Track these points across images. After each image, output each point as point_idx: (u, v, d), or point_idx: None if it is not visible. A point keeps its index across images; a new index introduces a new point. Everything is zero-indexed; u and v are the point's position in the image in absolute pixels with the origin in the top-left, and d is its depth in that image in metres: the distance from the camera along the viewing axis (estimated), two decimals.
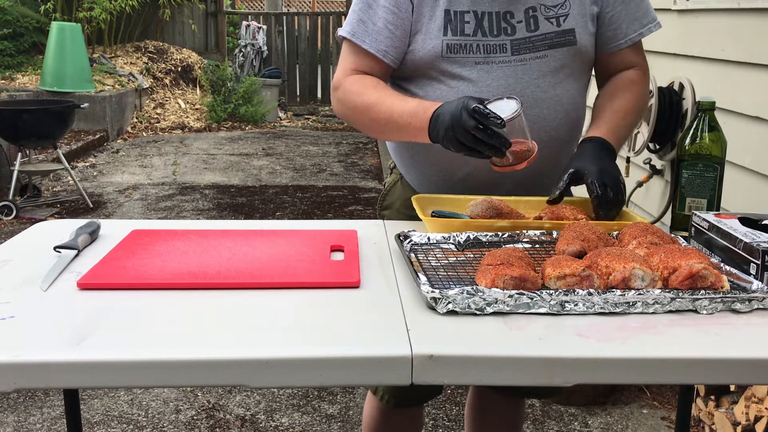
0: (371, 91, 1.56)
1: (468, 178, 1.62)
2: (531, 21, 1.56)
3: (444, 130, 1.39)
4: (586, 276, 1.13)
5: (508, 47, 1.55)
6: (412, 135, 1.50)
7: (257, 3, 15.91)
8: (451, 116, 1.37)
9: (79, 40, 7.74)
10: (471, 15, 1.54)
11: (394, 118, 1.51)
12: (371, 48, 1.56)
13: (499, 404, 1.94)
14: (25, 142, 5.16)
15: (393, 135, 1.61)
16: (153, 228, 1.49)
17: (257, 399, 2.88)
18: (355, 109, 1.59)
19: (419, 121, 1.46)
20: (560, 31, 1.57)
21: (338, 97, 1.62)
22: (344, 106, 1.62)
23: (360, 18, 1.58)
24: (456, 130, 1.36)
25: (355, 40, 1.58)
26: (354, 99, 1.58)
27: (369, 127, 1.62)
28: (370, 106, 1.55)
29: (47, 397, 2.85)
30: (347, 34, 1.59)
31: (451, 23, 1.54)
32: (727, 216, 1.36)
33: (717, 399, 2.48)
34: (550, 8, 1.57)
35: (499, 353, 0.98)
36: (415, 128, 1.47)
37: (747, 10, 2.70)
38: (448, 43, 1.54)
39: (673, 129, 3.15)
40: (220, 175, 6.67)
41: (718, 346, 1.00)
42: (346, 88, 1.59)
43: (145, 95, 9.18)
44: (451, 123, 1.37)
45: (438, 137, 1.42)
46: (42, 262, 1.28)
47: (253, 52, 10.49)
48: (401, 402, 1.75)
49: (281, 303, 1.13)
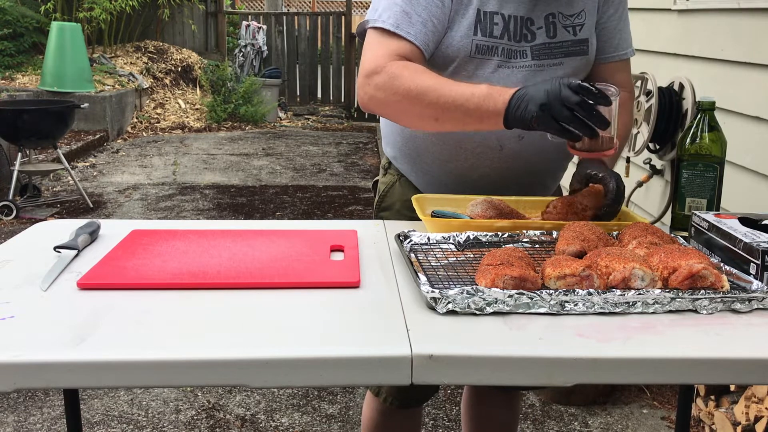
0: (426, 76, 1.46)
1: (480, 179, 1.62)
2: (551, 27, 1.56)
3: (538, 106, 1.33)
4: (586, 276, 1.13)
5: (528, 53, 1.55)
6: (479, 120, 1.43)
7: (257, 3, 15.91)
8: (547, 93, 1.33)
9: (79, 40, 7.74)
10: (499, 17, 1.53)
11: (461, 102, 1.42)
12: (416, 40, 1.49)
13: (495, 398, 1.94)
14: (25, 142, 5.16)
15: (451, 122, 1.48)
16: (153, 228, 1.49)
17: (257, 399, 2.88)
18: (407, 93, 1.45)
19: (494, 103, 1.39)
20: (576, 41, 1.58)
21: (379, 82, 1.48)
22: (389, 91, 1.47)
23: (403, 9, 1.50)
24: (554, 105, 1.32)
25: (400, 32, 1.49)
26: (405, 83, 1.45)
27: (420, 115, 1.49)
28: (428, 90, 1.44)
29: (47, 397, 2.85)
30: (392, 26, 1.49)
31: (481, 23, 1.52)
32: (727, 216, 1.36)
33: (717, 399, 2.48)
34: (568, 17, 1.58)
35: (499, 353, 0.98)
36: (488, 111, 1.40)
37: (747, 10, 2.70)
38: (478, 44, 1.52)
39: (673, 129, 3.15)
40: (220, 175, 6.67)
41: (718, 346, 1.00)
42: (394, 72, 1.46)
43: (145, 95, 9.18)
44: (548, 98, 1.32)
45: (525, 116, 1.36)
46: (42, 262, 1.28)
47: (253, 52, 10.49)
48: (404, 403, 1.75)
49: (281, 303, 1.13)
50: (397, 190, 1.74)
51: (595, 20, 1.62)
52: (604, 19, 1.63)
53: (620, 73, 1.69)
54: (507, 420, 1.97)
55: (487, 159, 1.59)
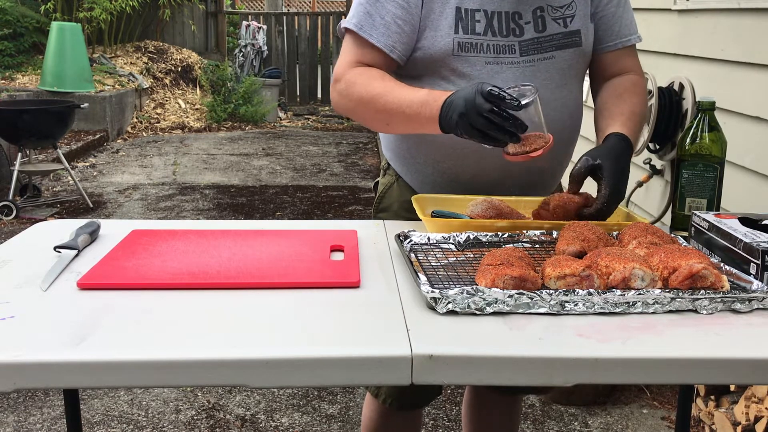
0: (377, 82, 1.50)
1: (473, 180, 1.60)
2: (539, 21, 1.55)
3: (458, 115, 1.34)
4: (586, 276, 1.13)
5: (516, 48, 1.53)
6: (420, 125, 1.46)
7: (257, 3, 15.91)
8: (465, 101, 1.34)
9: (79, 40, 7.74)
10: (481, 14, 1.52)
11: (402, 108, 1.46)
12: (378, 42, 1.52)
13: (496, 402, 1.93)
14: (25, 142, 5.16)
15: (399, 127, 1.54)
16: (153, 228, 1.49)
17: (257, 399, 2.88)
18: (360, 100, 1.52)
19: (430, 110, 1.41)
20: (567, 33, 1.56)
21: (340, 89, 1.55)
22: (347, 98, 1.55)
23: (367, 10, 1.53)
24: (470, 114, 1.32)
25: (362, 34, 1.52)
26: (358, 90, 1.52)
27: (373, 120, 1.56)
28: (376, 97, 1.49)
29: (47, 397, 2.85)
30: (354, 26, 1.54)
31: (462, 21, 1.52)
32: (727, 216, 1.36)
33: (717, 399, 2.48)
34: (557, 9, 1.56)
35: (499, 353, 0.98)
36: (425, 118, 1.43)
37: (747, 10, 2.70)
38: (459, 42, 1.52)
39: (673, 129, 3.15)
40: (220, 175, 6.67)
41: (718, 346, 1.00)
42: (350, 79, 1.53)
43: (145, 95, 9.18)
44: (465, 107, 1.33)
45: (451, 124, 1.38)
46: (42, 262, 1.28)
47: (253, 52, 10.49)
48: (404, 404, 1.74)
49: (281, 303, 1.12)
50: (395, 191, 1.73)
51: (588, 10, 1.59)
52: (601, 7, 1.61)
53: (626, 59, 1.66)
54: (507, 424, 1.96)
55: (479, 159, 1.57)
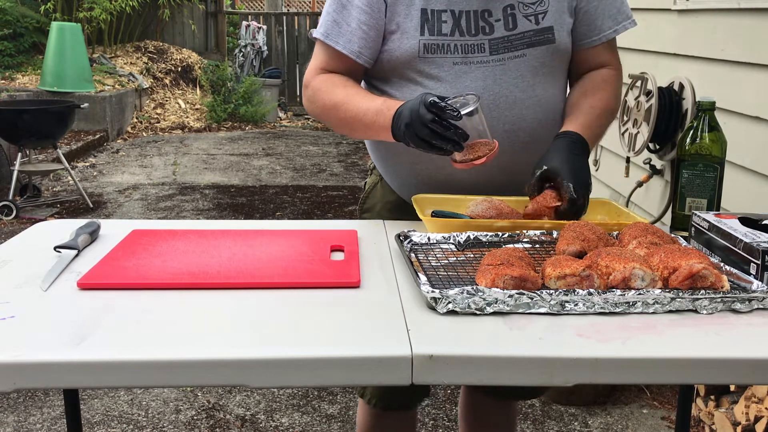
0: (339, 90, 1.55)
1: (448, 181, 1.59)
2: (509, 19, 1.53)
3: (405, 125, 1.39)
4: (586, 276, 1.13)
5: (486, 47, 1.53)
6: (377, 134, 1.50)
7: (257, 3, 15.90)
8: (410, 111, 1.37)
9: (79, 40, 7.74)
10: (448, 14, 1.52)
11: (360, 117, 1.50)
12: (344, 49, 1.55)
13: (490, 407, 1.91)
14: (25, 142, 5.16)
15: (361, 134, 1.58)
16: (153, 228, 1.49)
17: (257, 399, 2.88)
18: (324, 107, 1.57)
19: (384, 119, 1.45)
20: (539, 30, 1.54)
21: (308, 95, 1.61)
22: (313, 104, 1.60)
23: (334, 19, 1.56)
24: (414, 124, 1.36)
25: (329, 42, 1.56)
26: (322, 97, 1.57)
27: (338, 127, 1.61)
28: (338, 105, 1.54)
29: (47, 397, 2.85)
30: (321, 35, 1.58)
31: (428, 22, 1.52)
32: (727, 216, 1.36)
33: (717, 399, 2.48)
34: (529, 5, 1.54)
35: (499, 353, 0.98)
36: (380, 126, 1.47)
37: (747, 10, 2.70)
38: (425, 43, 1.52)
39: (673, 129, 3.15)
40: (220, 175, 6.67)
41: (718, 346, 1.00)
42: (315, 86, 1.59)
43: (145, 95, 9.18)
44: (411, 117, 1.37)
45: (399, 134, 1.42)
46: (42, 262, 1.28)
47: (253, 52, 10.49)
48: (388, 405, 1.73)
49: (281, 303, 1.12)
50: (379, 192, 1.75)
51: (564, 6, 1.57)
52: (583, 3, 1.59)
53: (603, 54, 1.64)
54: (503, 428, 1.95)
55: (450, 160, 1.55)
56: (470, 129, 1.39)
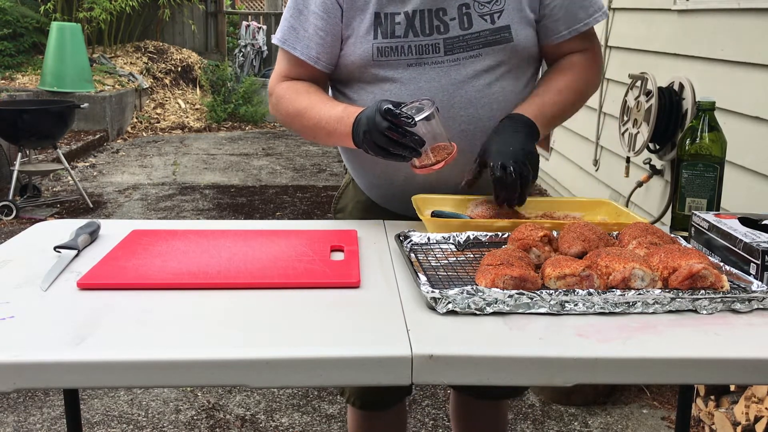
0: (302, 97, 1.56)
1: (407, 182, 1.58)
2: (464, 18, 1.51)
3: (363, 134, 1.40)
4: (586, 276, 1.13)
5: (441, 47, 1.51)
6: (340, 141, 1.51)
7: (257, 3, 15.90)
8: (367, 119, 1.38)
9: (79, 40, 7.75)
10: (402, 16, 1.51)
11: (322, 124, 1.51)
12: (302, 55, 1.55)
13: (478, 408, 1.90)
14: (25, 142, 5.16)
15: (325, 140, 1.58)
16: (153, 228, 1.49)
17: (257, 399, 2.88)
18: (288, 115, 1.59)
19: (344, 127, 1.46)
20: (495, 29, 1.52)
21: (272, 103, 1.63)
22: (278, 112, 1.62)
23: (291, 25, 1.57)
24: (372, 132, 1.37)
25: (286, 47, 1.57)
26: (286, 105, 1.58)
27: (303, 133, 1.62)
28: (301, 112, 1.55)
29: (47, 397, 2.85)
30: (278, 41, 1.58)
31: (381, 26, 1.51)
32: (727, 216, 1.36)
33: (717, 399, 2.48)
34: (484, 4, 1.52)
35: (499, 353, 0.98)
36: (341, 134, 1.48)
37: (747, 10, 2.70)
38: (379, 47, 1.51)
39: (673, 129, 3.15)
40: (220, 175, 6.67)
41: (718, 346, 1.00)
42: (278, 94, 1.60)
43: (145, 95, 9.18)
44: (368, 125, 1.38)
45: (358, 142, 1.43)
46: (42, 262, 1.28)
47: (253, 52, 10.50)
48: (367, 403, 1.74)
49: (281, 303, 1.13)
50: (350, 192, 1.75)
51: (522, 3, 1.53)
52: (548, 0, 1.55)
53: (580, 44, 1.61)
54: (492, 426, 1.95)
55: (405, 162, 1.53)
56: (427, 134, 1.39)
